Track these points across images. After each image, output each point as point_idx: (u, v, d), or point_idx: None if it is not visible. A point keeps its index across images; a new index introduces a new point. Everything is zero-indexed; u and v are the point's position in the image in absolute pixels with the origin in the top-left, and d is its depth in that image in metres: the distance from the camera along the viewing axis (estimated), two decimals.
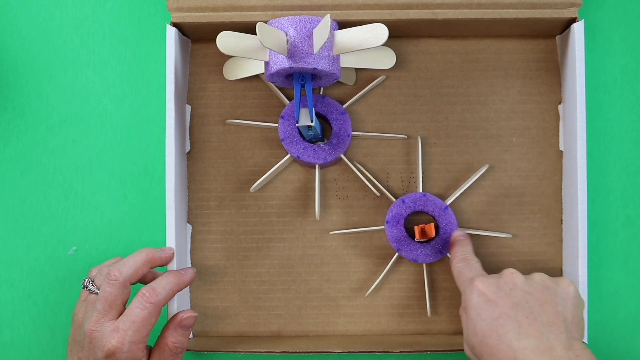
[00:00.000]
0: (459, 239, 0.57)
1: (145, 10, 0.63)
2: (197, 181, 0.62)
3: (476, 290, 0.51)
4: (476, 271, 0.54)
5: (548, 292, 0.51)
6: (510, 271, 0.52)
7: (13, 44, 0.63)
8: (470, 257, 0.55)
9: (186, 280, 0.54)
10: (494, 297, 0.50)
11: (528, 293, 0.50)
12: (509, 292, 0.50)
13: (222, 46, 0.52)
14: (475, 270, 0.54)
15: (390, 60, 0.60)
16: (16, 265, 0.62)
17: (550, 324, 0.49)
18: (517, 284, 0.51)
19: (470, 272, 0.53)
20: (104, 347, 0.50)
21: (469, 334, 0.51)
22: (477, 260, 0.55)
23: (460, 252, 0.56)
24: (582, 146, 0.56)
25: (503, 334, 0.49)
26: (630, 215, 0.61)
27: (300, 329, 0.61)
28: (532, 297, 0.50)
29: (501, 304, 0.50)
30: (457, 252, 0.56)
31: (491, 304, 0.50)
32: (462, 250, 0.56)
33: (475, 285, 0.51)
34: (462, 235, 0.57)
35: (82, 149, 0.62)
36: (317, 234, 0.61)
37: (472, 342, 0.50)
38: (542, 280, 0.52)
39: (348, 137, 0.60)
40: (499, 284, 0.51)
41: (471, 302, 0.51)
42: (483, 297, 0.50)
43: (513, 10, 0.57)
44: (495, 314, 0.49)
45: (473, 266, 0.54)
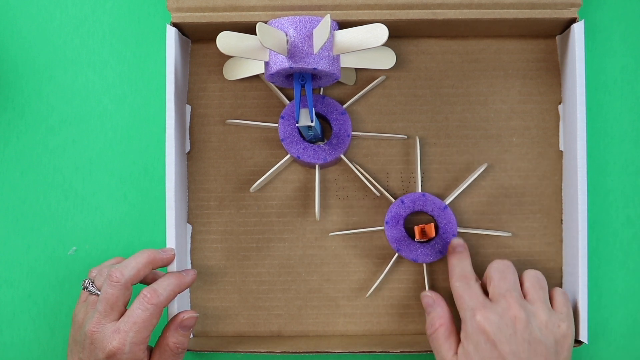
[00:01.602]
0: (457, 250, 0.56)
1: (145, 10, 0.63)
2: (197, 181, 0.62)
3: (478, 325, 0.51)
4: (476, 298, 0.53)
5: (546, 343, 0.51)
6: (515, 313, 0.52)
7: (13, 44, 0.63)
8: (469, 275, 0.55)
9: (187, 282, 0.54)
10: (494, 338, 0.51)
11: (527, 342, 0.51)
12: (509, 337, 0.51)
13: (222, 46, 0.52)
14: (476, 297, 0.53)
15: (390, 61, 0.60)
16: (16, 265, 0.62)
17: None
18: (518, 331, 0.51)
19: (471, 300, 0.53)
20: (105, 348, 0.50)
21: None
22: (475, 279, 0.55)
23: (459, 268, 0.55)
24: (582, 146, 0.56)
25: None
26: (630, 215, 0.61)
27: (300, 329, 0.61)
28: (530, 348, 0.51)
29: (500, 348, 0.51)
30: (455, 267, 0.55)
31: (490, 344, 0.51)
32: (460, 266, 0.55)
33: (477, 319, 0.52)
34: (461, 246, 0.57)
35: (82, 149, 0.62)
36: (317, 234, 0.61)
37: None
38: (543, 327, 0.52)
39: (348, 137, 0.60)
40: (501, 325, 0.51)
41: (471, 335, 0.51)
42: (484, 334, 0.51)
43: (513, 10, 0.57)
44: (494, 355, 0.51)
45: (473, 290, 0.54)
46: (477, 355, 0.51)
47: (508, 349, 0.50)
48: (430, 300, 0.56)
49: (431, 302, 0.56)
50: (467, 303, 0.53)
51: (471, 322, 0.52)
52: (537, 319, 0.52)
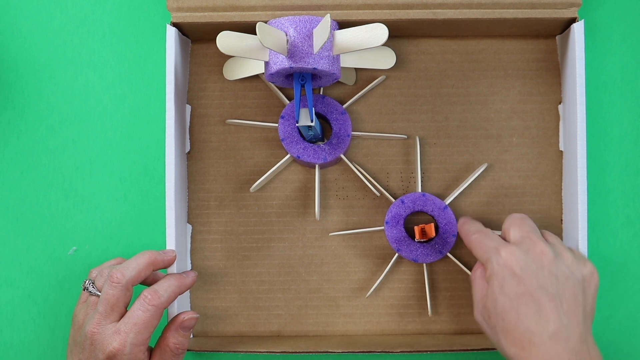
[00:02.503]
0: (466, 219, 0.57)
1: (145, 10, 0.63)
2: (197, 181, 0.62)
3: (502, 260, 0.50)
4: (498, 240, 0.52)
5: (573, 279, 0.50)
6: (540, 248, 0.51)
7: (13, 44, 0.63)
8: (485, 229, 0.54)
9: (188, 283, 0.55)
10: (520, 272, 0.49)
11: (554, 276, 0.50)
12: (535, 271, 0.50)
13: (222, 46, 0.52)
14: (497, 240, 0.52)
15: (390, 60, 0.60)
16: (16, 265, 0.62)
17: (570, 313, 0.49)
18: (545, 265, 0.50)
19: (492, 241, 0.52)
20: (106, 349, 0.50)
21: (489, 304, 0.50)
22: (493, 231, 0.54)
23: (474, 226, 0.55)
24: (582, 146, 0.56)
25: (523, 313, 0.49)
26: (630, 215, 0.61)
27: (300, 329, 0.61)
28: (558, 282, 0.50)
29: (527, 282, 0.49)
30: (470, 227, 0.55)
31: (517, 279, 0.49)
32: (474, 225, 0.55)
33: (502, 254, 0.50)
34: (469, 217, 0.57)
35: (82, 149, 0.62)
36: (317, 234, 0.61)
37: (489, 312, 0.50)
38: (569, 264, 0.51)
39: (348, 137, 0.60)
40: (527, 260, 0.50)
41: (496, 272, 0.50)
42: (508, 269, 0.50)
43: (513, 10, 0.57)
44: (520, 291, 0.49)
45: (492, 236, 0.53)
46: (502, 292, 0.49)
47: (535, 282, 0.49)
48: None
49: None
50: (488, 245, 0.52)
51: (496, 259, 0.50)
52: (563, 256, 0.51)
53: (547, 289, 0.49)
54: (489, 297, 0.51)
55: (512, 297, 0.49)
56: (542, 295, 0.49)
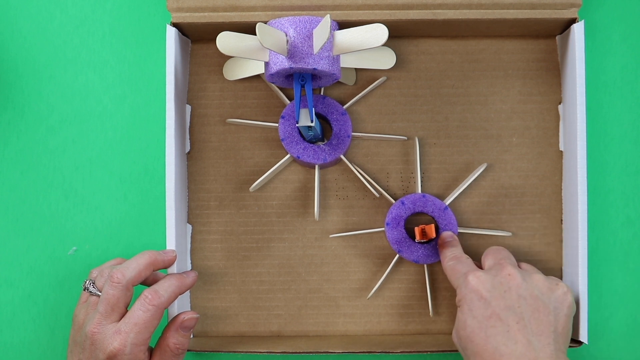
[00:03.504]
0: (447, 240, 0.58)
1: (145, 10, 0.63)
2: (197, 181, 0.62)
3: (470, 284, 0.51)
4: (469, 266, 0.54)
5: (542, 300, 0.51)
6: (508, 272, 0.52)
7: (13, 44, 0.63)
8: (460, 255, 0.56)
9: (188, 284, 0.55)
10: (487, 295, 0.50)
11: (522, 298, 0.50)
12: (503, 293, 0.50)
13: (222, 46, 0.52)
14: (468, 266, 0.54)
15: (390, 61, 0.60)
16: (16, 265, 0.62)
17: (539, 333, 0.49)
18: (512, 287, 0.51)
19: (463, 267, 0.54)
20: (106, 349, 0.50)
21: (459, 326, 0.52)
22: (467, 257, 0.56)
23: (450, 252, 0.56)
24: (582, 146, 0.56)
25: (491, 335, 0.49)
26: (630, 215, 0.61)
27: (300, 329, 0.61)
28: (526, 303, 0.50)
29: (494, 304, 0.50)
30: (447, 252, 0.56)
31: (484, 301, 0.50)
32: (451, 251, 0.56)
33: (469, 279, 0.52)
34: (451, 237, 0.58)
35: (82, 149, 0.62)
36: (317, 234, 0.61)
37: (460, 334, 0.51)
38: (539, 285, 0.52)
39: (348, 137, 0.60)
40: (494, 283, 0.51)
41: (464, 296, 0.51)
42: (476, 293, 0.51)
43: (513, 11, 0.57)
44: (487, 313, 0.50)
45: (465, 262, 0.55)
46: (471, 315, 0.50)
47: (503, 304, 0.50)
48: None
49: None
50: (459, 271, 0.53)
51: (464, 284, 0.52)
52: (533, 279, 0.52)
53: (514, 310, 0.50)
54: (459, 321, 0.51)
55: (480, 319, 0.50)
56: (509, 316, 0.49)
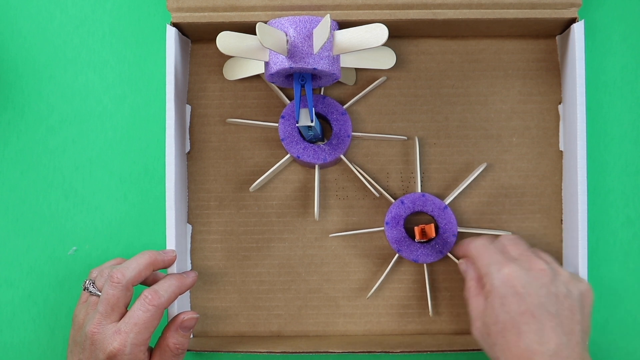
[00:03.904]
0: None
1: (145, 10, 0.63)
2: (197, 181, 0.62)
3: (505, 277, 0.50)
4: (499, 255, 0.53)
5: (571, 298, 0.51)
6: (540, 267, 0.51)
7: (13, 44, 0.63)
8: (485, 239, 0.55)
9: (188, 284, 0.55)
10: (522, 290, 0.50)
11: (554, 295, 0.50)
12: (537, 289, 0.50)
13: (222, 46, 0.52)
14: (497, 254, 0.53)
15: (390, 61, 0.60)
16: (16, 265, 0.62)
17: (570, 332, 0.49)
18: (545, 284, 0.50)
19: (493, 256, 0.52)
20: (106, 349, 0.50)
21: (488, 321, 0.50)
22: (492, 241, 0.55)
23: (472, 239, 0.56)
24: (582, 146, 0.56)
25: (525, 332, 0.49)
26: (630, 215, 0.61)
27: (300, 329, 0.61)
28: (558, 301, 0.50)
29: (528, 301, 0.49)
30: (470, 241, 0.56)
31: (518, 297, 0.50)
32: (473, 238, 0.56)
33: (505, 272, 0.51)
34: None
35: (82, 149, 0.62)
36: (317, 234, 0.61)
37: (489, 329, 0.50)
38: (567, 282, 0.51)
39: (348, 137, 0.60)
40: (529, 279, 0.50)
41: (498, 289, 0.50)
42: (511, 288, 0.50)
43: (513, 10, 0.57)
44: (521, 309, 0.49)
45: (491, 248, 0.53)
46: (503, 309, 0.50)
47: (537, 301, 0.49)
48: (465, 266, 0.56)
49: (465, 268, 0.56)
50: (490, 258, 0.52)
51: (498, 275, 0.51)
52: (560, 274, 0.52)
53: (547, 308, 0.49)
54: (489, 314, 0.51)
55: (513, 315, 0.49)
56: (543, 314, 0.49)
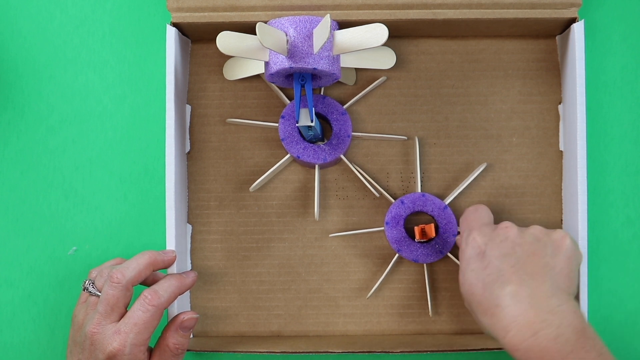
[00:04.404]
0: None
1: (145, 10, 0.63)
2: (197, 181, 0.62)
3: (471, 240, 0.52)
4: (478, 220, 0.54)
5: (539, 244, 0.51)
6: (506, 224, 0.53)
7: (13, 44, 0.63)
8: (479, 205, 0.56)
9: (188, 284, 0.55)
10: (484, 247, 0.51)
11: (518, 245, 0.51)
12: (499, 243, 0.51)
13: (222, 46, 0.52)
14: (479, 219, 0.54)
15: (390, 61, 0.60)
16: (16, 265, 0.62)
17: (534, 273, 0.50)
18: (509, 237, 0.51)
19: (473, 221, 0.54)
20: (106, 349, 0.50)
21: (460, 285, 0.52)
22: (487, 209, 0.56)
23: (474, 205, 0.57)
24: (582, 146, 0.56)
25: (488, 282, 0.50)
26: (630, 215, 0.61)
27: (300, 329, 0.61)
28: (521, 249, 0.51)
29: (489, 254, 0.51)
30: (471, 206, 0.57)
31: (481, 255, 0.51)
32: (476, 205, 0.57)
33: (472, 236, 0.52)
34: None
35: (82, 149, 0.62)
36: (317, 234, 0.61)
37: (462, 293, 0.52)
38: (535, 233, 0.52)
39: (348, 137, 0.60)
40: (492, 236, 0.52)
41: (465, 253, 0.52)
42: (476, 248, 0.51)
43: (513, 10, 0.57)
44: (484, 264, 0.51)
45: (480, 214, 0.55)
46: (469, 269, 0.51)
47: (498, 253, 0.50)
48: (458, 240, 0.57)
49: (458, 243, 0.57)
50: (467, 226, 0.54)
51: (466, 240, 0.52)
52: (530, 228, 0.53)
53: (509, 256, 0.50)
54: (461, 280, 0.52)
55: (477, 271, 0.51)
56: (504, 262, 0.50)
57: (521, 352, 0.47)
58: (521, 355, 0.47)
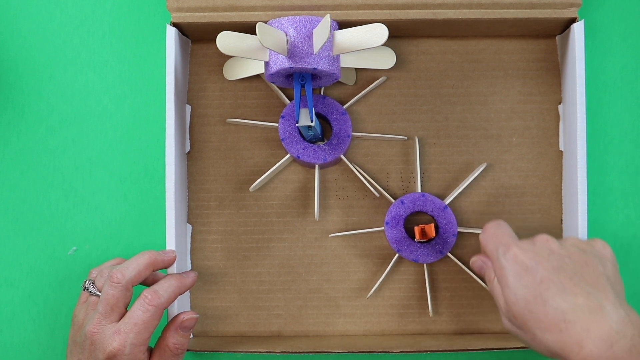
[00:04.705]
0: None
1: (145, 10, 0.63)
2: (197, 181, 0.62)
3: (512, 257, 0.48)
4: (510, 236, 0.50)
5: (586, 254, 0.49)
6: (544, 238, 0.50)
7: (13, 44, 0.63)
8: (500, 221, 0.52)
9: (188, 284, 0.54)
10: (533, 263, 0.48)
11: (567, 257, 0.48)
12: (547, 257, 0.48)
13: (222, 46, 0.52)
14: (509, 235, 0.50)
15: (390, 61, 0.60)
16: (16, 265, 0.62)
17: (595, 283, 0.47)
18: (554, 250, 0.49)
19: (504, 237, 0.50)
20: (105, 349, 0.50)
21: (509, 304, 0.48)
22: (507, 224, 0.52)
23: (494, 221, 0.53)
24: (582, 146, 0.56)
25: (548, 297, 0.46)
26: (630, 215, 0.61)
27: (300, 329, 0.61)
28: (572, 260, 0.48)
29: (541, 270, 0.47)
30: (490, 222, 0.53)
31: (531, 270, 0.48)
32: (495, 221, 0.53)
33: (512, 251, 0.48)
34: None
35: (82, 149, 0.62)
36: (317, 234, 0.61)
37: (513, 312, 0.48)
38: (577, 244, 0.50)
39: (348, 137, 0.60)
40: (536, 250, 0.49)
41: (508, 270, 0.48)
42: (521, 265, 0.48)
43: (513, 10, 0.57)
44: (537, 279, 0.47)
45: (504, 229, 0.51)
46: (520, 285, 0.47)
47: (550, 266, 0.47)
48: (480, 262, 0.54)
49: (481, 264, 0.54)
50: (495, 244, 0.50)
51: (505, 257, 0.49)
52: (568, 240, 0.50)
53: (564, 269, 0.47)
54: (508, 297, 0.48)
55: (531, 287, 0.47)
56: (561, 275, 0.47)
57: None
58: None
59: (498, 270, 0.49)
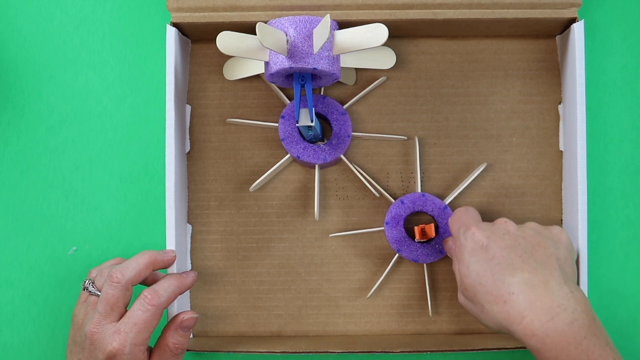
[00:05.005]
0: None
1: (145, 10, 0.63)
2: (197, 181, 0.62)
3: (470, 235, 0.52)
4: (473, 219, 0.54)
5: (540, 236, 0.52)
6: (503, 220, 0.53)
7: (13, 44, 0.63)
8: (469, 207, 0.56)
9: (187, 284, 0.55)
10: (487, 242, 0.51)
11: (521, 237, 0.51)
12: (502, 236, 0.51)
13: (222, 46, 0.52)
14: (473, 218, 0.54)
15: (390, 61, 0.60)
16: (16, 265, 0.62)
17: (544, 262, 0.50)
18: (510, 230, 0.52)
19: (467, 219, 0.54)
20: (105, 349, 0.50)
21: (462, 277, 0.52)
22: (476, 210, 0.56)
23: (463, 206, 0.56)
24: (582, 146, 0.56)
25: (497, 272, 0.50)
26: (630, 215, 0.61)
27: (300, 329, 0.61)
28: (525, 240, 0.51)
29: (494, 247, 0.51)
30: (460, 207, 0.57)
31: (485, 247, 0.51)
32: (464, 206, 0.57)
33: (471, 230, 0.52)
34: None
35: (82, 149, 0.62)
36: (317, 234, 0.61)
37: (465, 284, 0.51)
38: (534, 227, 0.53)
39: (348, 137, 0.60)
40: (493, 230, 0.52)
41: (464, 247, 0.52)
42: (477, 242, 0.51)
43: (513, 10, 0.57)
44: (489, 255, 0.50)
45: (471, 214, 0.55)
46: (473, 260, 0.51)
47: (503, 244, 0.51)
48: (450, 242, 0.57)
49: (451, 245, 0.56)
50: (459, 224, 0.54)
51: (464, 235, 0.52)
52: (528, 224, 0.53)
53: (515, 247, 0.50)
54: (462, 271, 0.52)
55: (483, 262, 0.50)
56: (512, 253, 0.50)
57: (537, 337, 0.47)
58: (537, 341, 0.48)
59: (457, 248, 0.53)
